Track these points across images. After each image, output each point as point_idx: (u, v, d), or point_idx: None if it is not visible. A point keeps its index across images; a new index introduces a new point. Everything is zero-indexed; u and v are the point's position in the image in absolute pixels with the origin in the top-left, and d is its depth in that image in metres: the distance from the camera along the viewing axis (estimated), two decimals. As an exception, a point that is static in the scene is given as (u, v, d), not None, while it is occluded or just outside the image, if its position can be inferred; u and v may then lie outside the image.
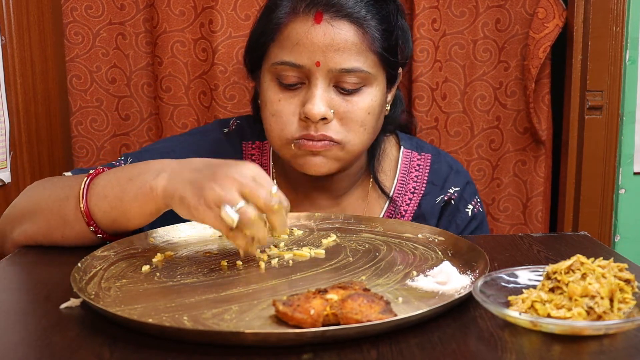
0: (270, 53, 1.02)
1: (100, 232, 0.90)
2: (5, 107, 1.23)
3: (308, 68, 0.98)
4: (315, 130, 0.99)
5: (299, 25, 0.98)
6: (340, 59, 0.97)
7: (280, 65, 0.99)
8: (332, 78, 0.99)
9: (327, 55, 0.97)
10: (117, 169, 0.91)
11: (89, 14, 1.42)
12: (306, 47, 0.97)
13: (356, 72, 0.98)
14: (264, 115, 1.04)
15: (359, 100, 1.00)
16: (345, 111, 0.99)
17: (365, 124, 1.01)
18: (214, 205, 0.77)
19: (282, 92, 1.00)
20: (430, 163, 1.16)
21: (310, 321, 0.64)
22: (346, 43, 0.97)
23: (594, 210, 1.42)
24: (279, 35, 1.00)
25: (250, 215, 0.77)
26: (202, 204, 0.78)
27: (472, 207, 1.15)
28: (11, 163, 1.24)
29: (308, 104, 0.97)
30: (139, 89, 1.46)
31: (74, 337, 0.66)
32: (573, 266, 0.68)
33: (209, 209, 0.78)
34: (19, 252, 0.98)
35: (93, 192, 0.89)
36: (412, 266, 0.84)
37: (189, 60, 1.42)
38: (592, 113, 1.40)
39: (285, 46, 0.99)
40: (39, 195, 0.96)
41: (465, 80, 1.44)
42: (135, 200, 0.86)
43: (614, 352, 0.61)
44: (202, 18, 1.40)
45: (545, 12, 1.37)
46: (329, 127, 0.99)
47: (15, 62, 1.25)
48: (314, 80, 0.98)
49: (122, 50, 1.44)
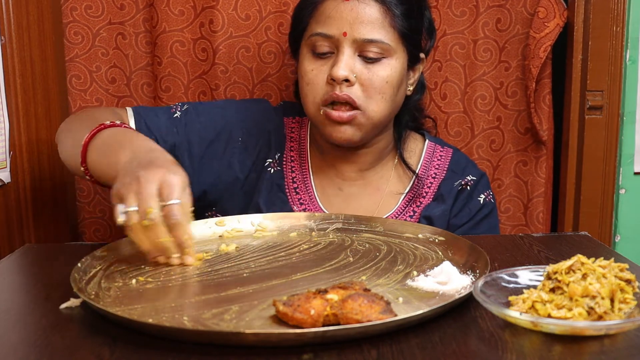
0: (308, 29, 1.16)
1: (89, 175, 1.02)
2: (5, 107, 1.23)
3: (337, 38, 1.11)
4: (340, 90, 1.10)
5: (331, 2, 1.12)
6: (365, 31, 1.10)
7: (315, 36, 1.13)
8: (356, 47, 1.11)
9: (353, 26, 1.10)
10: (123, 132, 1.02)
11: (88, 13, 1.42)
12: (336, 19, 1.11)
13: (378, 42, 1.11)
14: (301, 86, 1.16)
15: (379, 69, 1.12)
16: (367, 78, 1.11)
17: (384, 92, 1.12)
18: (118, 198, 0.85)
19: (314, 63, 1.13)
20: (451, 155, 1.27)
21: (311, 321, 0.64)
22: (370, 17, 1.10)
23: (594, 210, 1.42)
24: (315, 12, 1.14)
25: (130, 221, 0.82)
26: (114, 192, 0.86)
27: (485, 197, 1.23)
28: (11, 163, 1.24)
29: (334, 67, 1.10)
30: (139, 89, 1.46)
31: (74, 337, 0.66)
32: (574, 266, 0.67)
33: (117, 198, 0.85)
34: (19, 252, 0.98)
35: (94, 140, 1.01)
36: (413, 266, 0.84)
37: (188, 60, 1.42)
38: (592, 113, 1.40)
39: (319, 20, 1.13)
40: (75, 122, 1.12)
41: (465, 80, 1.44)
42: (108, 166, 0.95)
43: (614, 352, 0.61)
44: (201, 18, 1.40)
45: (545, 12, 1.37)
46: (351, 90, 1.10)
47: (15, 62, 1.25)
48: (341, 48, 1.11)
49: (122, 50, 1.44)
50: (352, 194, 1.22)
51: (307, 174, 1.22)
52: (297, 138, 1.26)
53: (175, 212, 0.82)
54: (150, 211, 0.81)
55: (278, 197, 1.20)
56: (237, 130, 1.22)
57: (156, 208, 0.81)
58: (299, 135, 1.26)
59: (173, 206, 0.82)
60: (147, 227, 0.82)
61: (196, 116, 1.21)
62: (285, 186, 1.21)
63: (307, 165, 1.23)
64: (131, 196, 0.83)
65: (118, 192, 0.85)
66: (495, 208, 1.26)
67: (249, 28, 1.41)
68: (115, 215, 0.83)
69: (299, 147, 1.25)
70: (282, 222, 1.03)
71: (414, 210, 1.20)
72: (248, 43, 1.41)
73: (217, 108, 1.24)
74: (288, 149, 1.24)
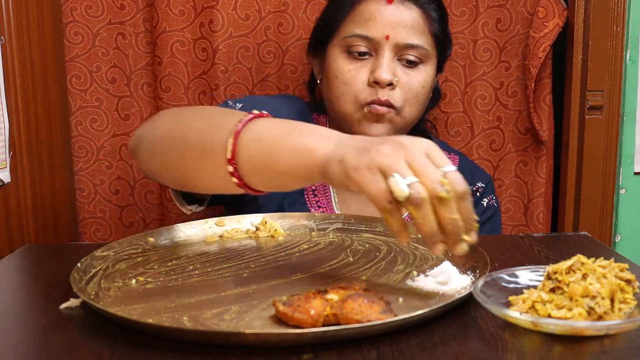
0: (342, 29, 1.14)
1: (237, 176, 0.79)
2: (5, 107, 1.23)
3: (378, 41, 1.11)
4: (382, 95, 1.10)
5: (372, 4, 1.12)
6: (407, 35, 1.11)
7: (353, 37, 1.12)
8: (397, 51, 1.12)
9: (396, 30, 1.10)
10: (280, 120, 0.81)
11: (88, 13, 1.42)
12: (378, 22, 1.11)
13: (418, 48, 1.12)
14: (334, 85, 1.15)
15: (417, 74, 1.13)
16: (405, 82, 1.12)
17: (419, 97, 1.14)
18: (377, 170, 0.67)
19: (352, 63, 1.13)
20: (458, 162, 1.28)
21: (311, 321, 0.64)
22: (413, 22, 1.11)
23: (594, 210, 1.42)
24: (351, 13, 1.14)
25: (422, 194, 0.66)
26: (364, 166, 0.68)
27: (487, 200, 1.25)
28: (11, 163, 1.24)
29: (378, 70, 1.10)
30: (139, 89, 1.46)
31: (74, 337, 0.66)
32: (574, 266, 0.67)
33: (370, 172, 0.67)
34: (19, 252, 0.98)
35: (247, 131, 0.79)
36: (413, 266, 0.84)
37: (188, 60, 1.42)
38: (592, 113, 1.40)
39: (358, 21, 1.12)
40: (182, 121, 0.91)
41: (465, 80, 1.44)
42: (287, 155, 0.75)
43: (614, 352, 0.61)
44: (202, 18, 1.40)
45: (545, 12, 1.37)
46: (392, 94, 1.11)
47: (15, 62, 1.25)
48: (382, 51, 1.11)
49: (122, 50, 1.44)
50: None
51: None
52: None
53: (461, 179, 0.68)
54: (444, 182, 0.67)
55: (297, 200, 1.18)
56: None
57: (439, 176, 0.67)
58: None
59: (455, 174, 0.68)
60: (439, 202, 0.67)
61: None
62: (304, 188, 1.20)
63: None
64: (403, 165, 0.67)
65: (372, 163, 0.67)
66: (499, 211, 1.27)
67: (249, 28, 1.41)
68: (396, 191, 0.66)
69: None
70: (282, 222, 1.03)
71: None
72: (248, 43, 1.41)
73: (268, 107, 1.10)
74: None
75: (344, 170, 0.69)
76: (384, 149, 0.68)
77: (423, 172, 0.67)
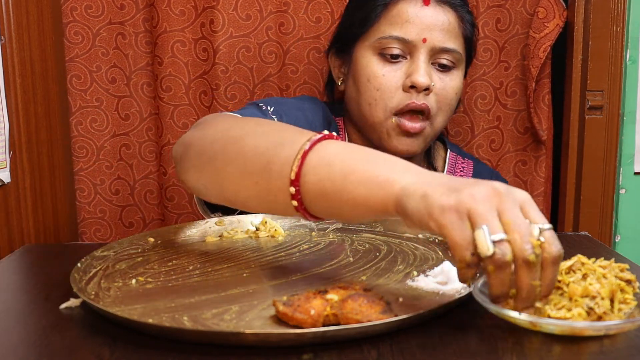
0: (376, 30, 1.10)
1: (299, 200, 0.72)
2: (5, 107, 1.23)
3: (414, 44, 1.08)
4: (419, 99, 1.07)
5: (408, 6, 1.09)
6: (444, 38, 1.08)
7: (388, 39, 1.08)
8: (432, 55, 1.09)
9: (433, 33, 1.08)
10: (353, 145, 0.75)
11: (88, 13, 1.42)
12: (415, 24, 1.08)
13: (453, 52, 1.10)
14: (365, 89, 1.10)
15: (450, 79, 1.11)
16: (440, 87, 1.10)
17: (452, 104, 1.12)
18: (466, 215, 0.61)
19: (385, 66, 1.09)
20: (472, 168, 1.27)
21: (311, 321, 0.64)
22: (449, 25, 1.09)
23: (594, 210, 1.42)
24: (386, 14, 1.10)
25: (507, 257, 0.60)
26: (452, 207, 0.61)
27: None
28: (11, 163, 1.24)
29: (415, 74, 1.07)
30: (139, 89, 1.46)
31: (74, 337, 0.66)
32: (574, 266, 0.67)
33: (459, 216, 0.61)
34: (19, 252, 0.98)
35: (317, 151, 0.72)
36: (413, 266, 0.84)
37: (189, 60, 1.42)
38: (592, 113, 1.40)
39: (394, 23, 1.09)
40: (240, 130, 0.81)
41: (465, 80, 1.44)
42: (364, 183, 0.69)
43: (614, 352, 0.61)
44: (202, 18, 1.40)
45: (545, 12, 1.37)
46: (428, 99, 1.08)
47: (15, 62, 1.25)
48: (418, 54, 1.08)
49: (122, 50, 1.44)
50: None
51: None
52: None
53: (556, 241, 0.61)
54: (537, 244, 0.60)
55: None
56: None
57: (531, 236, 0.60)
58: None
59: (551, 233, 0.61)
60: (525, 265, 0.60)
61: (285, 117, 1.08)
62: None
63: None
64: (493, 217, 0.60)
65: (462, 206, 0.61)
66: None
67: (250, 28, 1.41)
68: (480, 245, 0.60)
69: None
70: (282, 222, 1.03)
71: None
72: (248, 43, 1.41)
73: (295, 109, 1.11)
74: None
75: (427, 207, 0.62)
76: (478, 193, 0.61)
77: (515, 228, 0.60)
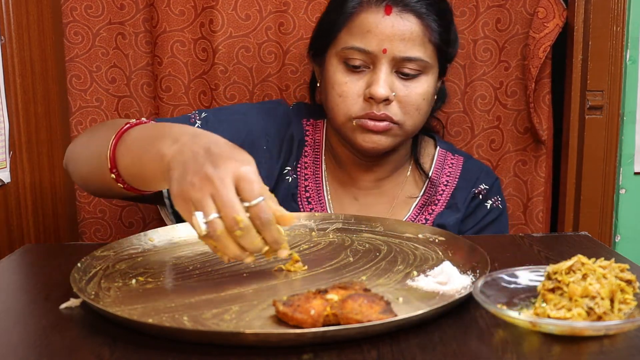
0: (340, 39, 1.12)
1: (121, 182, 0.88)
2: (5, 107, 1.23)
3: (375, 54, 1.08)
4: (378, 109, 1.08)
5: (370, 15, 1.08)
6: (405, 48, 1.08)
7: (350, 49, 1.09)
8: (394, 64, 1.09)
9: (393, 43, 1.07)
10: (154, 125, 0.87)
11: (88, 13, 1.42)
12: (376, 35, 1.07)
13: (417, 60, 1.09)
14: (330, 96, 1.13)
15: (417, 86, 1.10)
16: (404, 95, 1.10)
17: (420, 108, 1.12)
18: (190, 201, 0.72)
19: (348, 76, 1.10)
20: (462, 164, 1.25)
21: (311, 321, 0.64)
22: (411, 34, 1.08)
23: (594, 210, 1.42)
24: (349, 24, 1.10)
25: (217, 232, 0.71)
26: (178, 196, 0.73)
27: (492, 202, 1.23)
28: (11, 163, 1.24)
29: (374, 86, 1.07)
30: (139, 89, 1.46)
31: (74, 337, 0.66)
32: (574, 266, 0.67)
33: (184, 202, 0.73)
34: (19, 252, 0.98)
35: (123, 141, 0.87)
36: (413, 266, 0.84)
37: (188, 60, 1.42)
38: (592, 113, 1.40)
39: (355, 33, 1.09)
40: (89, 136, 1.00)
41: (465, 80, 1.44)
42: (149, 162, 0.80)
43: (614, 352, 0.61)
44: (202, 18, 1.40)
45: (545, 12, 1.37)
46: (389, 108, 1.09)
47: (15, 62, 1.25)
48: (379, 65, 1.08)
49: (122, 50, 1.44)
50: (367, 203, 1.20)
51: (320, 183, 1.19)
52: (312, 143, 1.22)
53: (265, 210, 0.72)
54: (240, 219, 0.71)
55: (290, 207, 1.15)
56: (261, 138, 1.16)
57: (244, 213, 0.71)
58: (313, 139, 1.23)
59: (260, 205, 0.72)
60: (239, 235, 0.72)
61: (218, 124, 1.14)
62: (297, 195, 1.18)
63: (321, 173, 1.21)
64: (207, 201, 0.71)
65: (185, 195, 0.72)
66: (504, 213, 1.25)
67: (249, 28, 1.41)
68: (195, 226, 0.72)
69: (313, 152, 1.22)
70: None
71: (427, 218, 1.19)
72: (248, 43, 1.41)
73: (239, 115, 1.18)
74: (302, 154, 1.21)
75: (171, 193, 0.74)
76: (196, 181, 0.72)
77: (222, 209, 0.71)
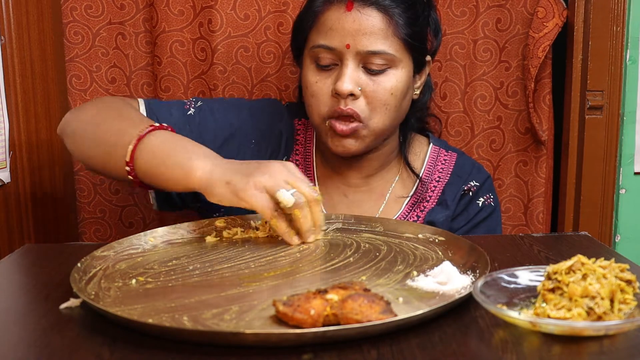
0: (310, 39, 1.14)
1: (133, 175, 0.98)
2: (5, 107, 1.23)
3: (340, 50, 1.09)
4: (345, 105, 1.09)
5: (332, 13, 1.10)
6: (368, 42, 1.08)
7: (317, 48, 1.11)
8: (360, 59, 1.09)
9: (356, 38, 1.08)
10: (179, 137, 0.99)
11: (88, 13, 1.42)
12: (338, 31, 1.08)
13: (381, 54, 1.08)
14: (305, 97, 1.15)
15: (384, 80, 1.10)
16: (371, 90, 1.09)
17: (388, 104, 1.11)
18: (264, 189, 0.89)
19: (318, 74, 1.12)
20: (455, 160, 1.25)
21: (311, 321, 0.64)
22: (373, 28, 1.08)
23: (594, 210, 1.42)
24: (316, 22, 1.12)
25: (302, 199, 0.90)
26: (252, 187, 0.89)
27: (484, 200, 1.23)
28: (11, 163, 1.24)
29: (338, 82, 1.08)
30: (139, 89, 1.46)
31: (74, 337, 0.66)
32: (574, 266, 0.67)
33: (259, 191, 0.89)
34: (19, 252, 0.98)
35: (146, 142, 0.97)
36: (413, 266, 0.84)
37: (188, 60, 1.42)
38: (592, 113, 1.40)
39: (321, 31, 1.11)
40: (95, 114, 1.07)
41: (465, 80, 1.44)
42: (173, 170, 0.94)
43: (614, 352, 0.61)
44: (201, 18, 1.40)
45: (545, 12, 1.37)
46: (356, 104, 1.09)
47: (15, 62, 1.25)
48: (345, 61, 1.09)
49: (122, 50, 1.44)
50: (356, 200, 1.21)
51: (311, 180, 1.21)
52: (303, 142, 1.25)
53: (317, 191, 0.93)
54: (316, 189, 0.92)
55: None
56: (251, 132, 1.20)
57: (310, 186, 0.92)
58: (304, 138, 1.25)
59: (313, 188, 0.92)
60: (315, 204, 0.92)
61: (210, 114, 1.19)
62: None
63: (312, 170, 1.22)
64: (282, 182, 0.90)
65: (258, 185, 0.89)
66: (497, 211, 1.25)
67: (248, 28, 1.41)
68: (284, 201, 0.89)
69: (304, 151, 1.24)
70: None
71: (418, 215, 1.20)
72: (247, 43, 1.41)
73: (232, 107, 1.22)
74: (294, 152, 1.23)
75: (234, 192, 0.90)
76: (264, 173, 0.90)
77: (298, 184, 0.91)
